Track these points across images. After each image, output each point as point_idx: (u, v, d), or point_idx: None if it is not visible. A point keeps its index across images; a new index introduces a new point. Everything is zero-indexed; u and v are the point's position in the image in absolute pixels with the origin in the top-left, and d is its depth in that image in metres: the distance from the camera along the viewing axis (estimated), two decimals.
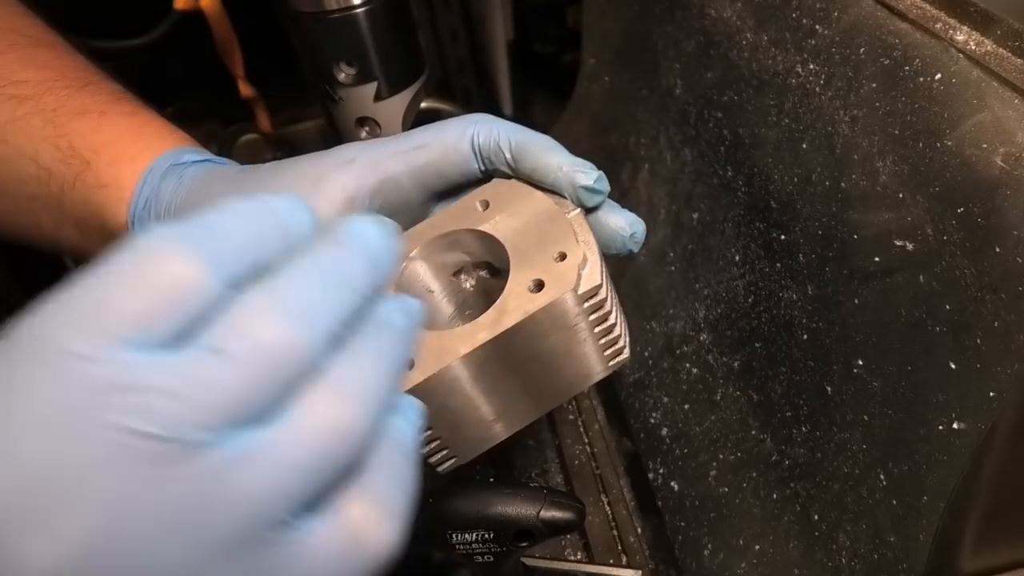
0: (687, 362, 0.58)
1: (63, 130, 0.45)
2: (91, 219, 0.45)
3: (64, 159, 0.45)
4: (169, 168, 0.45)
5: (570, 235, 0.36)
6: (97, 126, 0.45)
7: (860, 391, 0.42)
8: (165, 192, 0.44)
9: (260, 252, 0.22)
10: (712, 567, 0.51)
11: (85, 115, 0.45)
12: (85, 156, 0.45)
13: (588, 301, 0.35)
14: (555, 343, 0.35)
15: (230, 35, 0.83)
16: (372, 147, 0.41)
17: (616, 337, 0.38)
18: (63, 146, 0.45)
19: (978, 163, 0.35)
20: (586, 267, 0.35)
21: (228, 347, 0.20)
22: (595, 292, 0.35)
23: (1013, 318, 0.33)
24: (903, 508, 0.39)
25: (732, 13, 0.54)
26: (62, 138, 0.45)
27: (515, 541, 0.46)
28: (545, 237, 0.37)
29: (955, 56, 0.38)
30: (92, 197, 0.44)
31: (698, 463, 0.55)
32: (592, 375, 0.38)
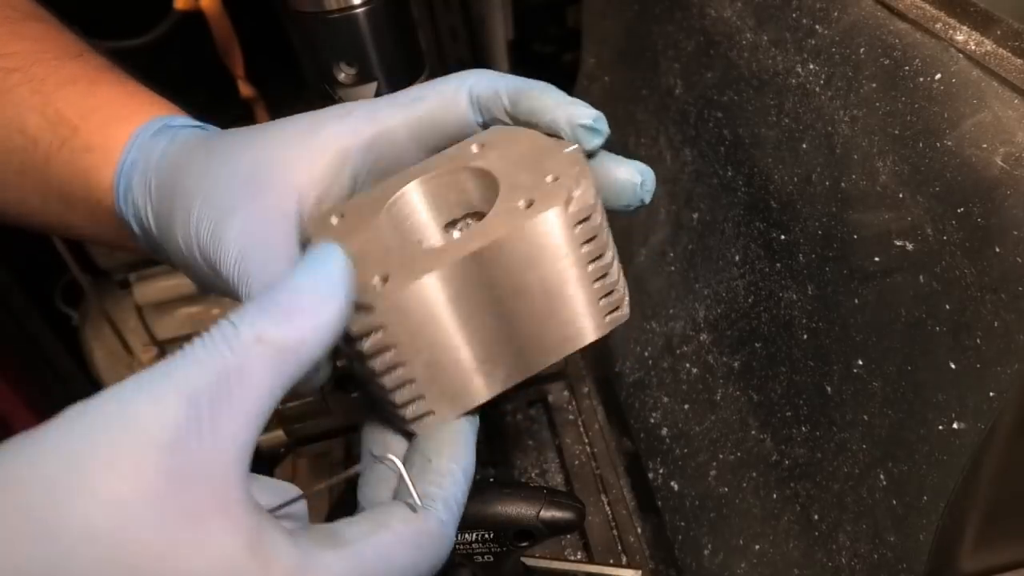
0: (687, 362, 0.58)
1: (51, 99, 0.44)
2: (76, 187, 0.44)
3: (51, 127, 0.44)
4: (162, 128, 0.43)
5: (565, 164, 0.34)
6: (87, 92, 0.45)
7: (860, 391, 0.42)
8: (155, 151, 0.42)
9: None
10: (712, 567, 0.51)
11: (75, 83, 0.45)
12: (73, 122, 0.44)
13: (580, 225, 0.33)
14: (543, 276, 0.33)
15: (230, 35, 0.83)
16: (370, 103, 0.40)
17: (613, 283, 0.35)
18: (50, 114, 0.44)
19: (978, 163, 0.35)
20: (579, 188, 0.32)
21: None
22: (588, 214, 0.32)
23: (1013, 318, 0.33)
24: (903, 508, 0.39)
25: (732, 13, 0.54)
26: (49, 107, 0.44)
27: (515, 541, 0.46)
28: (539, 166, 0.34)
29: (955, 56, 0.38)
30: (79, 163, 0.43)
31: (698, 463, 0.55)
32: (585, 330, 0.36)
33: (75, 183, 0.44)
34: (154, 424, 0.25)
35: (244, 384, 0.26)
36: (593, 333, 0.36)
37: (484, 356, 0.35)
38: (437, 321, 0.33)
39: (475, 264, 0.32)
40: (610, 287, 0.35)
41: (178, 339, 1.31)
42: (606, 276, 0.35)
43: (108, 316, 1.29)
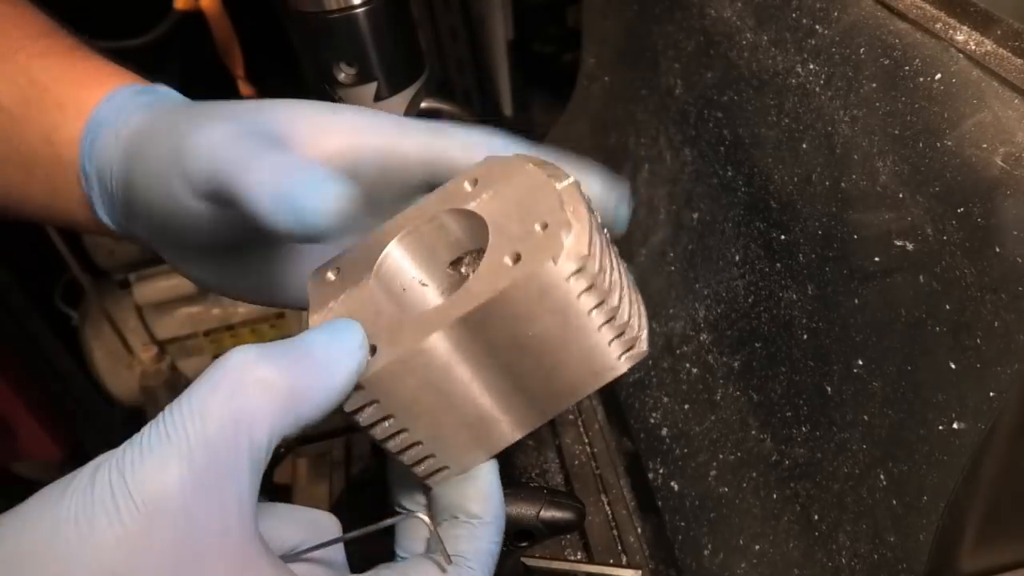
0: (687, 362, 0.58)
1: (22, 67, 0.43)
2: (39, 145, 0.42)
3: (19, 91, 0.42)
4: (143, 91, 0.42)
5: (556, 205, 0.32)
6: (61, 62, 0.43)
7: (860, 391, 0.42)
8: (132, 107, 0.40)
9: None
10: (712, 567, 0.51)
11: (47, 56, 0.43)
12: (45, 84, 0.42)
13: (575, 276, 0.31)
14: (546, 328, 0.32)
15: (230, 35, 0.83)
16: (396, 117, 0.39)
17: (623, 325, 0.33)
18: (21, 81, 0.42)
19: (978, 163, 0.35)
20: (570, 237, 0.30)
21: None
22: (581, 265, 0.31)
23: (1013, 318, 0.33)
24: (903, 508, 0.39)
25: (732, 13, 0.54)
26: (21, 75, 0.42)
27: (515, 541, 0.46)
28: (530, 210, 0.32)
29: (955, 56, 0.38)
30: (46, 119, 0.42)
31: (698, 463, 0.55)
32: (603, 371, 0.34)
33: (38, 140, 0.42)
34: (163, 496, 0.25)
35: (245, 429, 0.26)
36: (608, 375, 0.35)
37: (495, 408, 0.34)
38: (433, 386, 0.32)
39: (466, 327, 0.31)
40: (620, 328, 0.33)
41: (178, 339, 1.31)
42: (613, 319, 0.33)
43: (108, 316, 1.29)
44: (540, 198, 0.33)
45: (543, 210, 0.32)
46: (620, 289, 0.34)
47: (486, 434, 0.35)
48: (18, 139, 0.42)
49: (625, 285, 0.35)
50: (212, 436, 0.26)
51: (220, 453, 0.26)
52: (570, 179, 0.34)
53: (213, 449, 0.26)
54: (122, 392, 1.34)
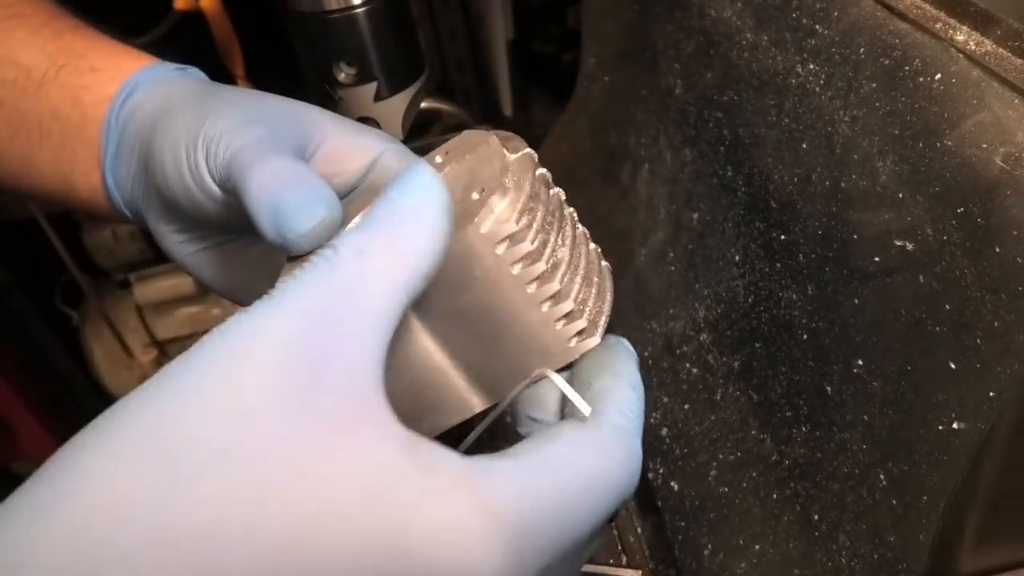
0: (687, 362, 0.58)
1: (53, 36, 0.43)
2: (61, 107, 0.42)
3: (50, 58, 0.42)
4: (180, 67, 0.42)
5: (499, 172, 0.30)
6: (97, 35, 0.44)
7: (860, 391, 0.42)
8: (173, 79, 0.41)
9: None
10: (712, 567, 0.51)
11: (81, 30, 0.44)
12: (80, 51, 0.42)
13: (504, 244, 0.30)
14: (481, 297, 0.31)
15: (230, 35, 0.83)
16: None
17: (572, 305, 0.32)
18: (51, 50, 0.42)
19: (978, 163, 0.35)
20: (503, 203, 0.29)
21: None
22: (511, 232, 0.29)
23: (1013, 318, 0.33)
24: (903, 508, 0.39)
25: (732, 13, 0.54)
26: (51, 43, 0.43)
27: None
28: (476, 177, 0.31)
29: (955, 56, 0.38)
30: (78, 80, 0.42)
31: (698, 463, 0.55)
32: (551, 354, 0.33)
33: (63, 101, 0.42)
34: (273, 344, 0.23)
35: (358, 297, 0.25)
36: (558, 358, 0.33)
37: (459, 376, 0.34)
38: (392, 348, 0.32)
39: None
40: (565, 311, 0.32)
41: (178, 339, 1.31)
42: (557, 297, 0.32)
43: (108, 316, 1.29)
44: (488, 166, 0.31)
45: (486, 177, 0.31)
46: (570, 269, 0.32)
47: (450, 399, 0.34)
48: (44, 103, 0.42)
49: (581, 266, 0.33)
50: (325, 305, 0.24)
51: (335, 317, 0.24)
52: (525, 150, 0.32)
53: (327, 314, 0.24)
54: (122, 392, 1.33)
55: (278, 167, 0.32)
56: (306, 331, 0.24)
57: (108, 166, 0.42)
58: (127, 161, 0.41)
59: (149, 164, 0.39)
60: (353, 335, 0.24)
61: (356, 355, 0.24)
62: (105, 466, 0.22)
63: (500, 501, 0.24)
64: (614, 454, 0.28)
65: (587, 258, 0.35)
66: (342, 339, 0.24)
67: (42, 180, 0.44)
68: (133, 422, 0.23)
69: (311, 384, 0.23)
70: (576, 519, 0.26)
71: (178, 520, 0.21)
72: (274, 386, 0.23)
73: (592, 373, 0.33)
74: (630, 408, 0.31)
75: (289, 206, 0.30)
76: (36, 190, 0.46)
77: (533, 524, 0.25)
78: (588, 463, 0.27)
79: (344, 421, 0.23)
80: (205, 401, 0.22)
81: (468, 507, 0.23)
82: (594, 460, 0.28)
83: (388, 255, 0.26)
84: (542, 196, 0.32)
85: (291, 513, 0.22)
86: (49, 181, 0.44)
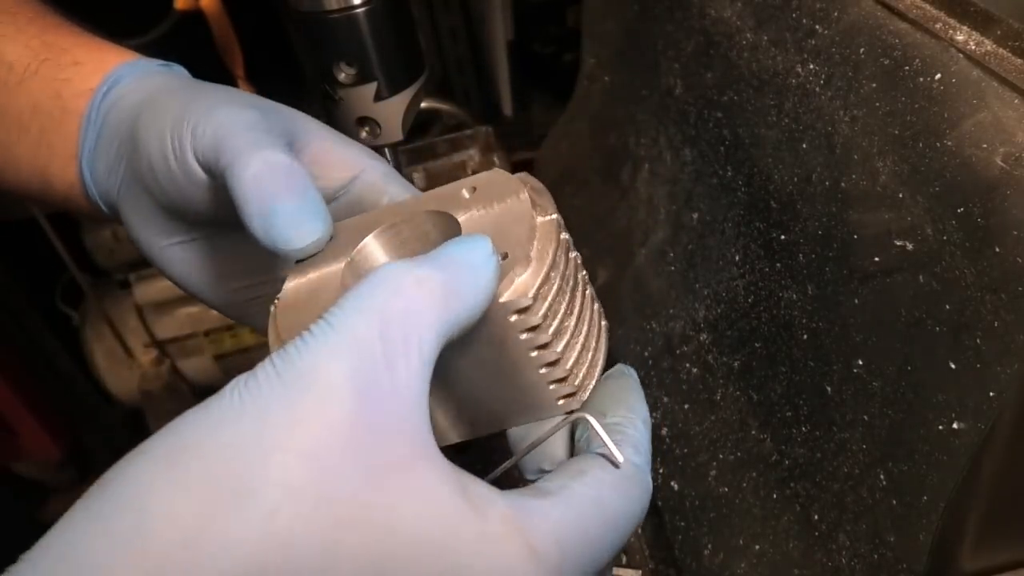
0: (687, 362, 0.58)
1: (38, 32, 0.43)
2: (43, 101, 0.42)
3: (32, 53, 0.42)
4: (163, 64, 0.42)
5: (525, 238, 0.31)
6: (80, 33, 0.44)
7: (860, 391, 0.42)
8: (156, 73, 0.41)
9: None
10: (712, 567, 0.51)
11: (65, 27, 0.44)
12: (64, 46, 0.42)
13: (517, 315, 0.31)
14: (482, 355, 0.32)
15: (230, 35, 0.83)
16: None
17: (566, 372, 0.33)
18: (34, 44, 0.42)
19: (978, 163, 0.35)
20: (524, 274, 0.30)
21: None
22: (526, 305, 0.30)
23: (1013, 318, 0.33)
24: (903, 508, 0.39)
25: (732, 13, 0.54)
26: (35, 39, 0.43)
27: None
28: (503, 236, 0.32)
29: (955, 56, 0.38)
30: (60, 74, 0.42)
31: (698, 463, 0.55)
32: (536, 410, 0.35)
33: (45, 95, 0.42)
34: (335, 376, 0.23)
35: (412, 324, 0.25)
36: (541, 414, 0.35)
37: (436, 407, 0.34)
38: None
39: None
40: (561, 375, 0.33)
41: (178, 339, 1.31)
42: (555, 365, 0.33)
43: (108, 316, 1.29)
44: (516, 227, 0.32)
45: (512, 240, 0.32)
46: (571, 336, 0.33)
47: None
48: (25, 98, 0.42)
49: (583, 332, 0.35)
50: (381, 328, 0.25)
51: (391, 344, 0.24)
52: (553, 215, 0.33)
53: (385, 339, 0.24)
54: (122, 392, 1.34)
55: (273, 159, 0.32)
56: (364, 364, 0.24)
57: (86, 158, 0.42)
58: (106, 152, 0.41)
59: (132, 151, 0.39)
60: (406, 370, 0.25)
61: (409, 391, 0.25)
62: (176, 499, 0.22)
63: (542, 543, 0.25)
64: (632, 492, 0.30)
65: (589, 323, 0.36)
66: (395, 373, 0.24)
67: (19, 176, 0.44)
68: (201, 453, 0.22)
69: (370, 422, 0.23)
70: (601, 552, 0.28)
71: (252, 559, 0.21)
72: (338, 423, 0.23)
73: (606, 405, 0.34)
74: (643, 444, 0.32)
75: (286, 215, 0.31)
76: (14, 186, 0.45)
77: (568, 562, 0.26)
78: (612, 503, 0.29)
79: (403, 461, 0.24)
80: (279, 438, 0.22)
81: (518, 551, 0.24)
82: (617, 500, 0.29)
83: (443, 293, 0.26)
84: (560, 265, 0.33)
85: (363, 554, 0.22)
86: (26, 177, 0.44)
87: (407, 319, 0.25)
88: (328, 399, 0.23)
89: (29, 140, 0.43)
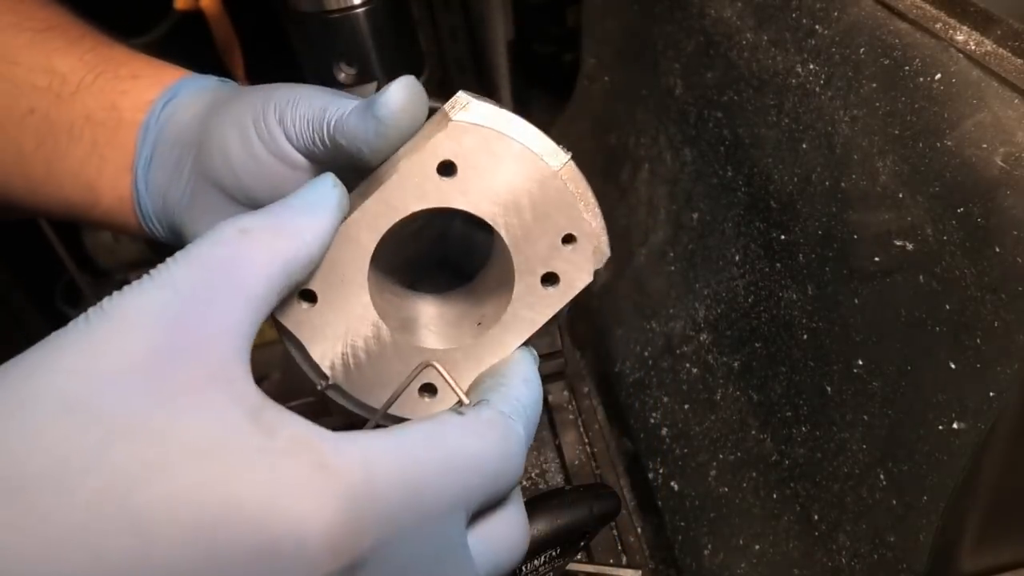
0: (687, 362, 0.58)
1: (92, 46, 0.43)
2: (96, 112, 0.42)
3: (88, 65, 0.42)
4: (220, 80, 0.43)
5: (572, 205, 0.32)
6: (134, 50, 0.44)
7: (860, 391, 0.42)
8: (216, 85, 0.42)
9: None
10: (712, 567, 0.51)
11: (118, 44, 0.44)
12: (120, 60, 0.43)
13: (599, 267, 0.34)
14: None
15: (230, 35, 0.83)
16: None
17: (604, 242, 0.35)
18: (89, 58, 0.43)
19: (978, 163, 0.35)
20: (597, 240, 0.33)
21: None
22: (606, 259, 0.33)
23: (1013, 318, 0.33)
24: (903, 508, 0.39)
25: (732, 13, 0.54)
26: (89, 52, 0.43)
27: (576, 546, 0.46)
28: (541, 211, 0.32)
29: (955, 56, 0.38)
30: (116, 86, 0.42)
31: (698, 463, 0.55)
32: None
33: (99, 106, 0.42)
34: (136, 313, 0.25)
35: (234, 270, 0.27)
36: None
37: None
38: None
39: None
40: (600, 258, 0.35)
41: None
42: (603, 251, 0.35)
43: None
44: (548, 194, 0.32)
45: (557, 211, 0.32)
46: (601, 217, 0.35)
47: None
48: (79, 108, 0.42)
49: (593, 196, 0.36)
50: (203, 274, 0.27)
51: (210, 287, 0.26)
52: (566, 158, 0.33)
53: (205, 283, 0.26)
54: None
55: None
56: (175, 302, 0.26)
57: (141, 169, 0.42)
58: (167, 159, 0.41)
59: (198, 153, 0.39)
60: (222, 307, 0.26)
61: (221, 325, 0.26)
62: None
63: (342, 463, 0.25)
64: (485, 434, 0.30)
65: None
66: (208, 309, 0.26)
67: (62, 191, 0.44)
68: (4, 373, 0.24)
69: (170, 349, 0.25)
70: (430, 490, 0.27)
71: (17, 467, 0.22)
72: (134, 351, 0.25)
73: (489, 372, 0.35)
74: (517, 399, 0.32)
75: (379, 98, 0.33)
76: (55, 203, 0.45)
77: (376, 487, 0.26)
78: (449, 440, 0.29)
79: (196, 384, 0.25)
80: (66, 361, 0.24)
81: (303, 466, 0.25)
82: (456, 437, 0.29)
83: (270, 237, 0.28)
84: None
85: (126, 462, 0.23)
86: (70, 191, 0.44)
87: (230, 264, 0.27)
88: (125, 331, 0.25)
89: (78, 151, 0.42)
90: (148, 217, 0.43)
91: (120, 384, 0.24)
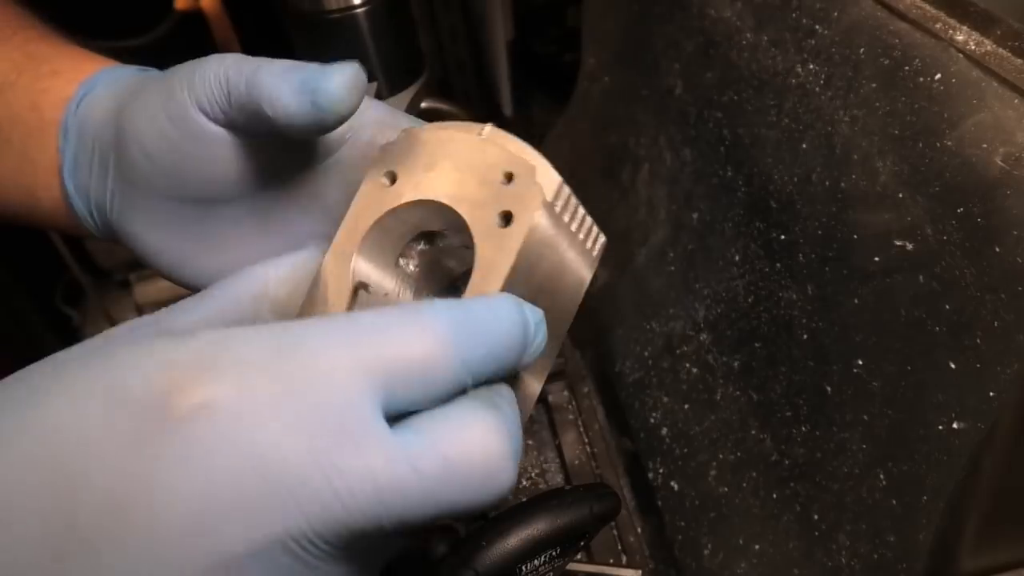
0: (687, 362, 0.58)
1: (19, 44, 0.42)
2: (22, 113, 0.40)
3: (13, 65, 0.41)
4: (140, 68, 0.41)
5: (501, 154, 0.33)
6: (62, 43, 0.43)
7: (860, 391, 0.42)
8: (132, 75, 0.40)
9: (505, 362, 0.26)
10: (712, 567, 0.51)
11: (49, 38, 0.43)
12: (43, 56, 0.41)
13: (558, 203, 0.33)
14: (547, 266, 0.33)
15: (230, 35, 0.83)
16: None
17: (591, 224, 0.36)
18: (16, 56, 0.41)
19: (978, 163, 0.35)
20: (537, 172, 0.32)
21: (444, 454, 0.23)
22: (559, 191, 0.33)
23: (1013, 318, 0.33)
24: (903, 508, 0.39)
25: (732, 13, 0.54)
26: (17, 50, 0.42)
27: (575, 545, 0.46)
28: (478, 170, 0.33)
29: (955, 56, 0.38)
30: (38, 85, 0.40)
31: (698, 463, 0.55)
32: (585, 278, 0.36)
33: (24, 107, 0.41)
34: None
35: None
36: (590, 276, 0.37)
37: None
38: None
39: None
40: (589, 227, 0.36)
41: None
42: (585, 222, 0.35)
43: (108, 316, 1.28)
44: (478, 155, 0.33)
45: (491, 163, 0.33)
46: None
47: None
48: (1, 108, 0.41)
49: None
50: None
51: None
52: (487, 125, 0.34)
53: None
54: None
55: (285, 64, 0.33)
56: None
57: (67, 171, 0.40)
58: (87, 158, 0.39)
59: (117, 148, 0.37)
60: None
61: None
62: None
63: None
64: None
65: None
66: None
67: (7, 196, 0.43)
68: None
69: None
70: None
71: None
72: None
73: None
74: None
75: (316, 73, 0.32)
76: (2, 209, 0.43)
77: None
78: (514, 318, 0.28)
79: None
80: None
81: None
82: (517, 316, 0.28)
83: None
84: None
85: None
86: (14, 196, 0.43)
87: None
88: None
89: (13, 155, 0.41)
90: (83, 218, 0.41)
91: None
